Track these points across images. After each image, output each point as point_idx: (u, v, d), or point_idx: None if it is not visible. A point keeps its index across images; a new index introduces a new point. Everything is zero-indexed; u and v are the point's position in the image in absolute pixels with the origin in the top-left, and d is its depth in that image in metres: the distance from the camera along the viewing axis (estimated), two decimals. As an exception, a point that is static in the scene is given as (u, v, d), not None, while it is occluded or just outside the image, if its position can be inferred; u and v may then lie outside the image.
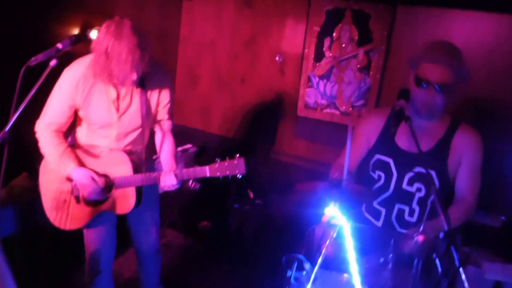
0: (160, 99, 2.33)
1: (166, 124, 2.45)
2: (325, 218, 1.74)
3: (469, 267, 2.66)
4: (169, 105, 2.39)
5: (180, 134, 4.33)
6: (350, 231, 1.68)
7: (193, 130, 4.41)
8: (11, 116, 1.79)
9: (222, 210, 3.84)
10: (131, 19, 2.06)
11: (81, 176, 2.21)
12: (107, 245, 2.52)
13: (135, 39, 1.95)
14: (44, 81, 1.92)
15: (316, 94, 3.83)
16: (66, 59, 2.15)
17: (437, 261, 1.39)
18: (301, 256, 1.85)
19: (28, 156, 3.11)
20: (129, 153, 2.31)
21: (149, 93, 2.28)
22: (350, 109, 3.70)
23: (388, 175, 2.21)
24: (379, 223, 2.27)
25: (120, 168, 2.25)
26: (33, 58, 1.89)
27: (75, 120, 2.35)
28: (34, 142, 2.27)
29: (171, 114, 2.45)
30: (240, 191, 3.85)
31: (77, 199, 2.31)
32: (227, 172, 2.08)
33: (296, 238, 1.96)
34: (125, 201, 2.29)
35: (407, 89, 1.98)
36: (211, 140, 4.31)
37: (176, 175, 2.18)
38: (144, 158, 2.41)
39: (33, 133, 2.28)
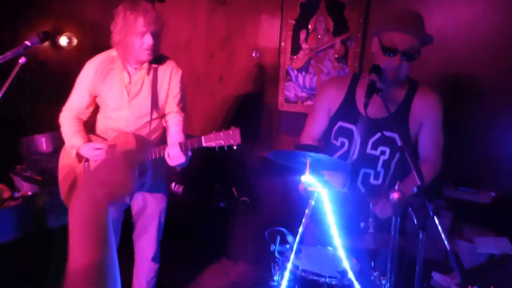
0: (170, 91, 2.46)
1: (177, 117, 2.50)
2: (301, 186, 1.74)
3: (462, 243, 2.66)
4: (178, 96, 2.48)
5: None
6: (327, 196, 1.67)
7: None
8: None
9: (208, 211, 3.76)
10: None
11: (87, 150, 2.33)
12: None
13: (153, 13, 2.21)
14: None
15: (296, 88, 3.80)
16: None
17: (413, 215, 1.39)
18: (283, 229, 1.84)
19: (4, 165, 3.02)
20: (136, 135, 2.39)
21: (159, 83, 2.42)
22: (331, 99, 3.68)
23: (351, 141, 2.24)
24: (345, 189, 2.27)
25: (126, 145, 2.32)
26: (1, 56, 1.90)
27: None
28: (10, 150, 2.30)
29: (182, 108, 2.52)
30: (225, 190, 3.78)
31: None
32: (222, 142, 2.10)
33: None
34: None
35: (378, 65, 2.02)
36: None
37: (180, 145, 2.21)
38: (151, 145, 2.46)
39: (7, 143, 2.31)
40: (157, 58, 2.43)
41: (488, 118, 2.89)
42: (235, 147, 2.11)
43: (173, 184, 3.84)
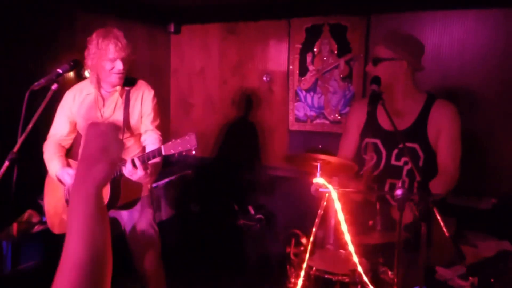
0: (143, 110, 2.51)
1: (152, 135, 2.50)
2: (313, 188, 1.86)
3: (467, 248, 2.76)
4: (152, 115, 2.51)
5: (178, 162, 4.50)
6: (337, 196, 1.79)
7: (190, 157, 4.54)
8: (19, 137, 1.94)
9: (225, 228, 3.93)
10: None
11: (63, 174, 2.40)
12: None
13: (124, 40, 2.34)
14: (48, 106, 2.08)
15: (305, 107, 4.00)
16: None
17: (415, 209, 1.54)
18: (297, 232, 1.96)
19: (33, 192, 3.24)
20: None
21: (131, 104, 2.49)
22: (339, 117, 3.86)
23: (379, 154, 2.39)
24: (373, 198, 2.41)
25: None
26: (36, 83, 2.05)
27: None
28: (40, 178, 2.46)
29: (157, 126, 2.54)
30: (241, 208, 3.96)
31: (67, 202, 2.45)
32: (180, 148, 2.10)
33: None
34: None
35: (378, 76, 2.18)
36: (209, 164, 4.45)
37: (132, 160, 2.18)
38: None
39: (38, 169, 2.48)
40: (130, 81, 2.51)
41: (486, 128, 3.03)
42: (193, 152, 2.11)
43: (191, 205, 4.05)
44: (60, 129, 2.56)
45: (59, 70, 2.16)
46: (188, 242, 2.99)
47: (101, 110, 2.49)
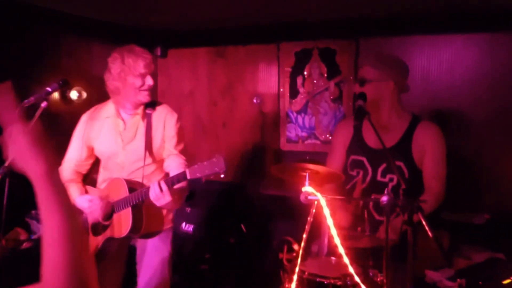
0: (166, 135, 2.41)
1: (176, 160, 2.39)
2: (303, 196, 1.93)
3: (461, 260, 2.86)
4: (175, 139, 2.41)
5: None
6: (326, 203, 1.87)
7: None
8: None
9: (218, 247, 3.93)
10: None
11: (82, 202, 2.33)
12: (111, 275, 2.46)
13: (149, 55, 2.29)
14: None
15: (296, 128, 4.09)
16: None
17: (401, 213, 1.64)
18: (289, 238, 2.03)
19: (24, 208, 3.17)
20: (128, 180, 2.33)
21: (154, 128, 2.38)
22: (330, 137, 3.95)
23: (365, 171, 2.49)
24: (359, 212, 2.49)
25: (118, 191, 2.28)
26: (25, 101, 2.06)
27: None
28: (31, 194, 2.41)
29: (181, 151, 2.43)
30: (234, 227, 3.97)
31: (86, 230, 2.36)
32: (207, 172, 2.01)
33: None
34: (123, 223, 2.26)
35: (364, 92, 2.30)
36: (200, 186, 4.43)
37: (159, 184, 2.10)
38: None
39: (29, 184, 2.43)
40: (151, 104, 2.42)
41: (477, 147, 3.18)
42: (222, 175, 2.02)
43: (183, 224, 4.02)
44: (76, 154, 2.46)
45: (49, 89, 2.19)
46: (182, 259, 2.97)
47: (121, 134, 2.39)
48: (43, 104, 2.12)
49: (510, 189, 3.18)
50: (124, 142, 2.39)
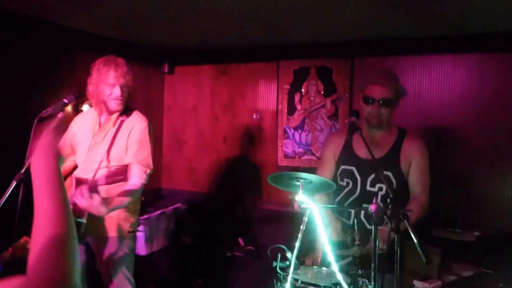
0: (129, 141, 2.46)
1: (134, 170, 2.32)
2: (296, 205, 2.00)
3: (452, 278, 2.88)
4: (135, 148, 2.44)
5: (170, 196, 4.60)
6: (318, 212, 1.93)
7: (182, 191, 4.67)
8: (26, 159, 2.05)
9: (215, 260, 4.00)
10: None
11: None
12: None
13: (125, 68, 2.43)
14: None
15: (293, 144, 4.18)
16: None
17: (388, 221, 1.69)
18: (283, 246, 2.08)
19: (31, 218, 3.31)
20: (78, 178, 2.38)
21: (120, 134, 2.47)
22: (325, 153, 4.04)
23: (354, 181, 2.55)
24: (350, 222, 2.55)
25: (69, 189, 2.33)
26: (44, 111, 2.19)
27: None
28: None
29: (142, 161, 2.43)
30: (232, 240, 4.05)
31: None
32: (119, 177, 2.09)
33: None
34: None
35: (357, 110, 2.39)
36: (200, 198, 4.56)
37: (81, 187, 2.14)
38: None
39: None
40: (126, 111, 2.51)
41: (467, 165, 3.23)
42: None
43: (182, 236, 4.12)
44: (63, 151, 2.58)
45: (65, 100, 2.30)
46: (178, 272, 3.05)
47: (94, 136, 2.53)
48: (60, 115, 2.23)
49: (500, 207, 3.20)
50: (93, 144, 2.52)
